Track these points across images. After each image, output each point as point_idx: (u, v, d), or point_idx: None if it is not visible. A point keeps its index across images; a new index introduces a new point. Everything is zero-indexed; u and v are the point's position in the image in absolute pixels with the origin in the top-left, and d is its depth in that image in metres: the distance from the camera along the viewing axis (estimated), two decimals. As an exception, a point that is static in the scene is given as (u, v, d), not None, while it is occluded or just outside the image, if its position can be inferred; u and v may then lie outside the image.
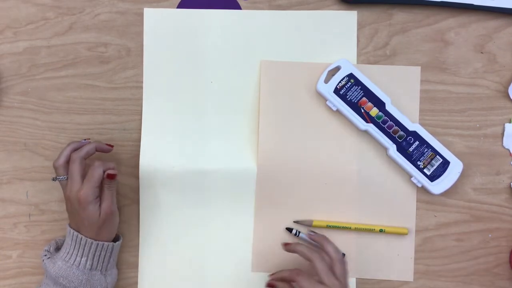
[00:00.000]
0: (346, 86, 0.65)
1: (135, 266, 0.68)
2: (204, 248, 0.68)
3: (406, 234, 0.67)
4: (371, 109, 0.66)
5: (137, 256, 0.68)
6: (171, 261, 0.68)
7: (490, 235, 0.68)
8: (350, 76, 0.65)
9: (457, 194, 0.68)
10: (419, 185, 0.66)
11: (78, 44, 0.68)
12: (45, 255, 0.62)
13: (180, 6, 0.67)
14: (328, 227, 0.67)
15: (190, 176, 0.67)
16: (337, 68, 0.66)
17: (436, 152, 0.66)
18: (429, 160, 0.65)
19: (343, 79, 0.65)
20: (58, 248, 0.64)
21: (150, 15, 0.67)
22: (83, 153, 0.61)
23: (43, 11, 0.67)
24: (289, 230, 0.67)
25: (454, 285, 0.68)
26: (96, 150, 0.63)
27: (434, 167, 0.65)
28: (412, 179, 0.66)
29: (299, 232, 0.67)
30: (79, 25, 0.67)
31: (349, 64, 0.66)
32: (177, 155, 0.67)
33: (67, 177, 0.61)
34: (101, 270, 0.62)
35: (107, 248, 0.62)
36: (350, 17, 0.67)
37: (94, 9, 0.67)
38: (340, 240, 0.67)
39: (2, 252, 0.68)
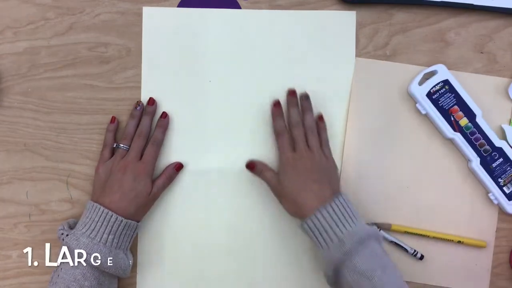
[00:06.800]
0: (439, 92, 0.65)
1: (134, 266, 0.67)
2: (204, 248, 0.68)
3: (485, 247, 0.66)
4: (461, 118, 0.65)
5: (136, 256, 0.67)
6: (171, 261, 0.68)
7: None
8: (445, 82, 0.65)
9: None
10: (496, 202, 0.66)
11: (78, 44, 0.68)
12: (62, 234, 0.61)
13: (180, 5, 0.67)
14: (406, 233, 0.66)
15: (190, 176, 0.67)
16: (433, 73, 0.66)
17: None
18: (510, 178, 0.65)
19: (437, 84, 0.65)
20: (71, 228, 0.63)
21: (149, 14, 0.67)
22: (158, 141, 0.65)
23: (43, 11, 0.67)
24: None
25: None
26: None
27: None
28: (490, 195, 0.66)
29: None
30: (79, 25, 0.67)
31: (445, 70, 0.65)
32: (177, 154, 0.67)
33: (129, 148, 0.64)
34: (123, 250, 0.62)
35: (133, 227, 0.62)
36: (349, 17, 0.67)
37: (94, 9, 0.67)
38: (417, 245, 0.67)
39: (2, 252, 0.68)
